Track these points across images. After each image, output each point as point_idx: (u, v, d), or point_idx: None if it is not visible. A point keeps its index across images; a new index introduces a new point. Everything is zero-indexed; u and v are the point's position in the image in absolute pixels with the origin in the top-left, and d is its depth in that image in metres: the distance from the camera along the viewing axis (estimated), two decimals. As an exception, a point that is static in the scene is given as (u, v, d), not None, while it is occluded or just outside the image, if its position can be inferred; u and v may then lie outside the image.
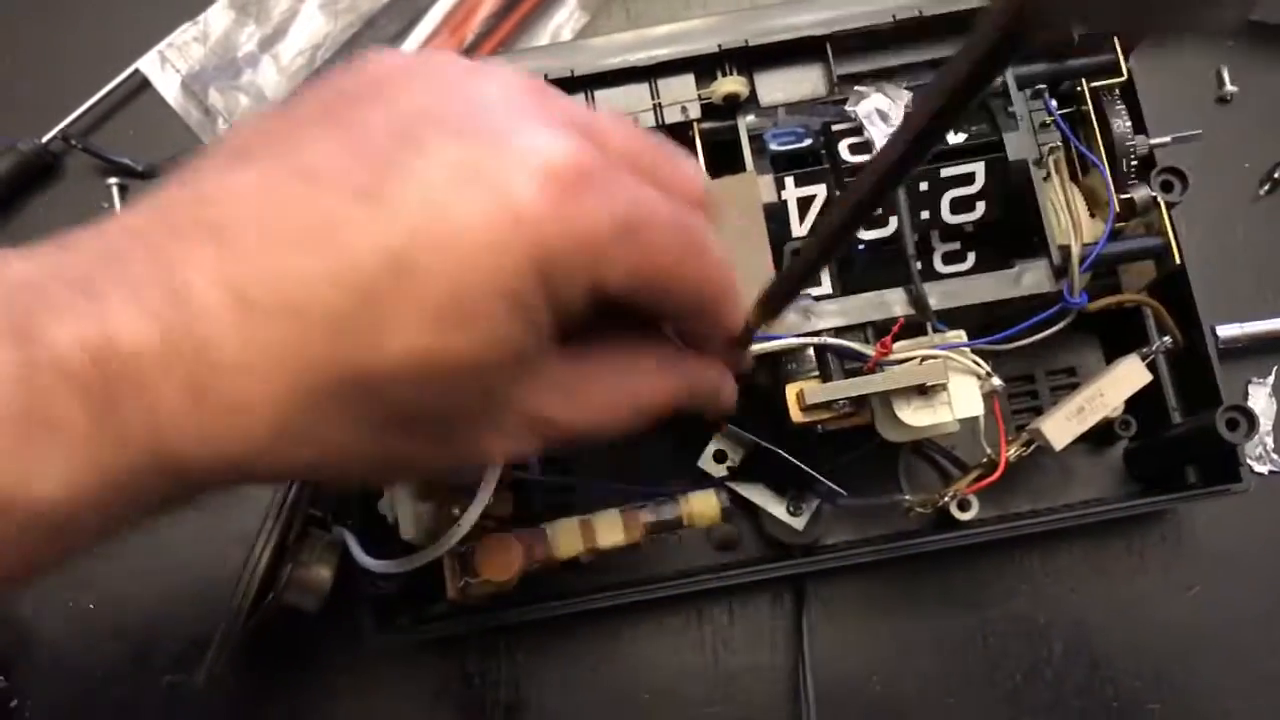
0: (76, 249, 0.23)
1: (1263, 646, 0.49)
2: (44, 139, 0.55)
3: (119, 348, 0.22)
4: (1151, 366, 0.43)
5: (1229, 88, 0.54)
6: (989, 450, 0.43)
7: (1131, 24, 0.26)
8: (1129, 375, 0.42)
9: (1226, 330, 0.50)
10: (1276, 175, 0.53)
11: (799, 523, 0.45)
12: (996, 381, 0.39)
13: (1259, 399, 0.51)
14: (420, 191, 0.23)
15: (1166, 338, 0.43)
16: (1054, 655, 0.49)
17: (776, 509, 0.45)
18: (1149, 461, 0.48)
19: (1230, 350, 0.50)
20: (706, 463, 0.44)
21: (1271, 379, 0.51)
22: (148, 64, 0.55)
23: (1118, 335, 0.48)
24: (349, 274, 0.23)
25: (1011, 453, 0.43)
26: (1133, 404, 0.44)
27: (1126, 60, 0.43)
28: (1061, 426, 0.42)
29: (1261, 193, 0.53)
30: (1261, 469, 0.50)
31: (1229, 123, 0.54)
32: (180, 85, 0.55)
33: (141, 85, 0.57)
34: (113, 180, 0.56)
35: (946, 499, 0.44)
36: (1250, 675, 0.48)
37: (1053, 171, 0.42)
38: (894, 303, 0.41)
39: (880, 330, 0.40)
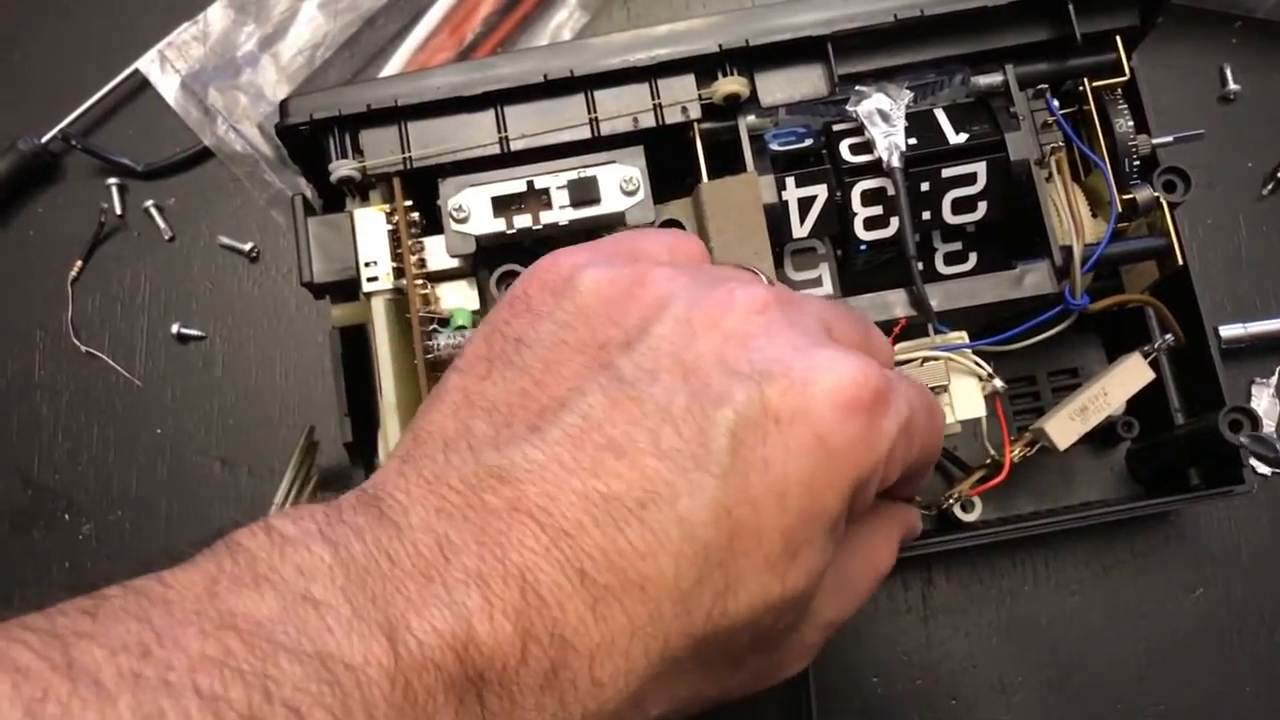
0: (400, 533, 0.23)
1: (1268, 648, 0.48)
2: (43, 139, 0.55)
3: (480, 644, 0.22)
4: (1154, 366, 0.43)
5: (1232, 86, 0.54)
6: (992, 451, 0.43)
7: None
8: (1132, 373, 0.42)
9: (1229, 330, 0.50)
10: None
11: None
12: (998, 383, 0.39)
13: (1262, 399, 0.50)
14: (737, 447, 0.24)
15: (1169, 335, 0.43)
16: (1057, 657, 0.48)
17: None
18: (1152, 463, 0.48)
19: (1233, 350, 0.50)
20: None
21: (1274, 379, 0.51)
22: (147, 64, 0.55)
23: (1120, 336, 0.48)
24: (688, 544, 0.23)
25: (1015, 454, 0.42)
26: (1135, 405, 0.44)
27: (1129, 59, 0.43)
28: (1065, 426, 0.42)
29: (1265, 192, 0.53)
30: (1264, 470, 0.50)
31: (1232, 122, 0.54)
32: (180, 85, 0.55)
33: (141, 85, 0.56)
34: (112, 180, 0.56)
35: (950, 500, 0.44)
36: (1256, 677, 0.48)
37: (1055, 171, 0.42)
38: (895, 304, 0.41)
39: (881, 331, 0.40)
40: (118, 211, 0.56)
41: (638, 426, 0.24)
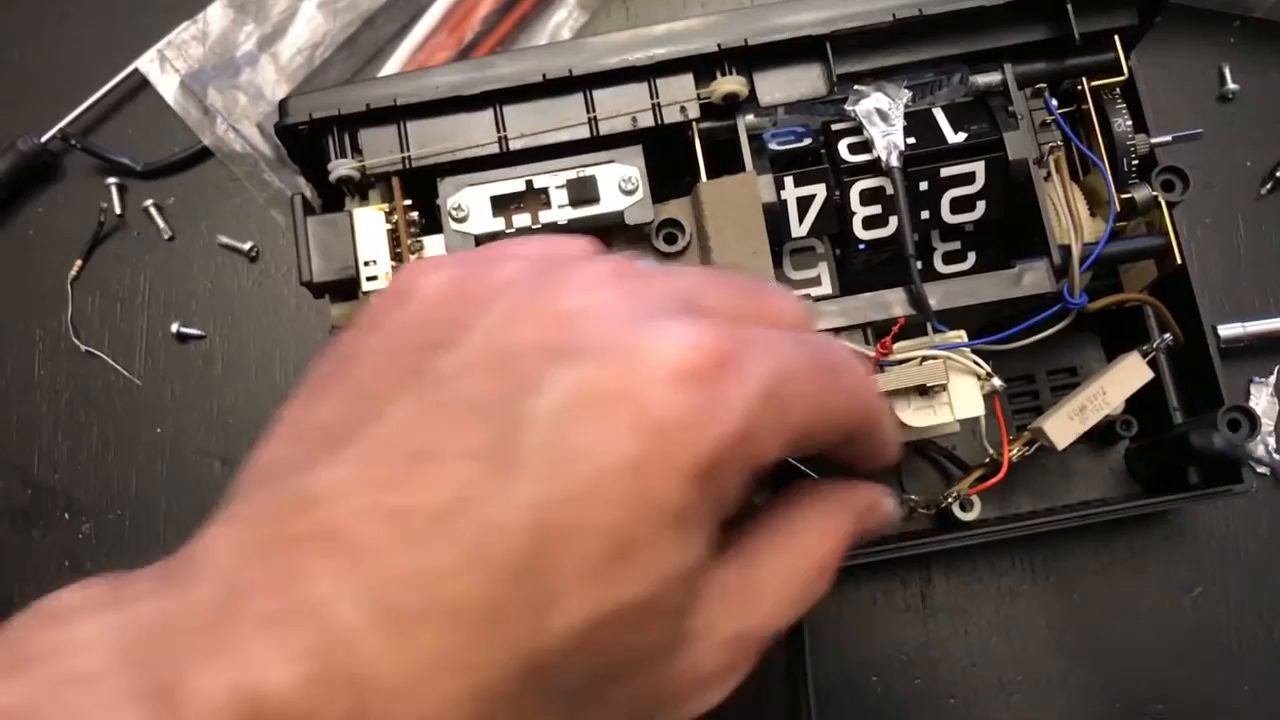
0: (189, 585, 0.21)
1: (1266, 647, 0.48)
2: (43, 138, 0.55)
3: (268, 694, 0.19)
4: (1153, 365, 0.43)
5: (1230, 86, 0.54)
6: (990, 450, 0.43)
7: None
8: (1130, 372, 0.42)
9: (1228, 330, 0.50)
10: (1278, 174, 0.53)
11: (799, 523, 0.45)
12: (997, 382, 0.39)
13: (1260, 398, 0.51)
14: (550, 438, 0.20)
15: (1167, 334, 0.43)
16: (1056, 657, 0.48)
17: (776, 509, 0.45)
18: (1150, 462, 0.48)
19: (1232, 350, 0.50)
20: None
21: (1273, 378, 0.51)
22: (146, 63, 0.55)
23: (1119, 335, 0.48)
24: (496, 554, 0.20)
25: (1014, 453, 0.43)
26: (1134, 404, 0.44)
27: (1127, 59, 0.43)
28: (1064, 425, 0.42)
29: (1263, 191, 0.53)
30: (1263, 469, 0.50)
31: (1231, 121, 0.54)
32: (179, 84, 0.55)
33: (140, 84, 0.56)
34: (112, 180, 0.56)
35: (949, 499, 0.44)
36: (1254, 676, 0.48)
37: (1053, 171, 0.42)
38: (894, 303, 0.41)
39: (880, 330, 0.40)
40: (117, 211, 0.56)
41: (445, 429, 0.21)
